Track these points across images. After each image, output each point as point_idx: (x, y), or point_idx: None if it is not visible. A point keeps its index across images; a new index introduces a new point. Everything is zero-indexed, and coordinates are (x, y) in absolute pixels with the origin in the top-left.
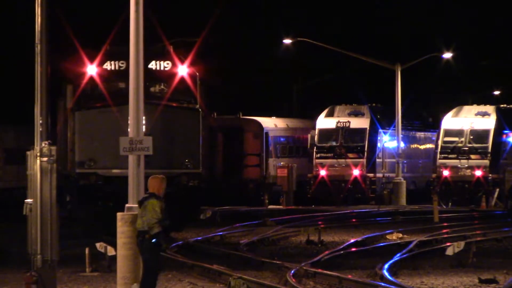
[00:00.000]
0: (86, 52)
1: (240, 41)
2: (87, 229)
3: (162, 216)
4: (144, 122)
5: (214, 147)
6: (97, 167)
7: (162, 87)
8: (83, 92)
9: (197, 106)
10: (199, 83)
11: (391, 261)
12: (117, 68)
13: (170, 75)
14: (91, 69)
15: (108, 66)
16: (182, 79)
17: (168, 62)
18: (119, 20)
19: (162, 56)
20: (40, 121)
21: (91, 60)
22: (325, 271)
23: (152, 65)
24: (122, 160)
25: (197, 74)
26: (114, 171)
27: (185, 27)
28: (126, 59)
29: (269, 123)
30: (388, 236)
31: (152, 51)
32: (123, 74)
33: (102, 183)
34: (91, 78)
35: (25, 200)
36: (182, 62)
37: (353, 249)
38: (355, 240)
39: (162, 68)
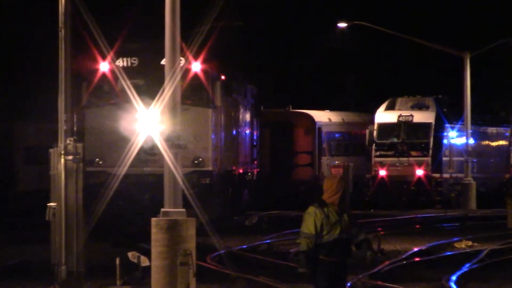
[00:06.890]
0: (98, 49)
1: (289, 25)
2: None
3: (315, 232)
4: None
5: (260, 145)
6: (107, 165)
7: None
8: (95, 89)
9: (209, 103)
10: (211, 79)
11: (459, 272)
12: (129, 64)
13: (183, 72)
14: (104, 66)
15: (120, 63)
16: (195, 76)
17: (181, 58)
18: (132, 15)
19: None
20: (65, 118)
21: (103, 57)
22: (385, 284)
23: (164, 61)
24: (134, 159)
25: (210, 70)
26: (124, 169)
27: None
28: (138, 55)
29: (322, 117)
30: (456, 244)
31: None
32: (135, 71)
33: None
34: (103, 75)
35: (48, 204)
36: (196, 58)
37: (417, 259)
38: (418, 248)
39: None
